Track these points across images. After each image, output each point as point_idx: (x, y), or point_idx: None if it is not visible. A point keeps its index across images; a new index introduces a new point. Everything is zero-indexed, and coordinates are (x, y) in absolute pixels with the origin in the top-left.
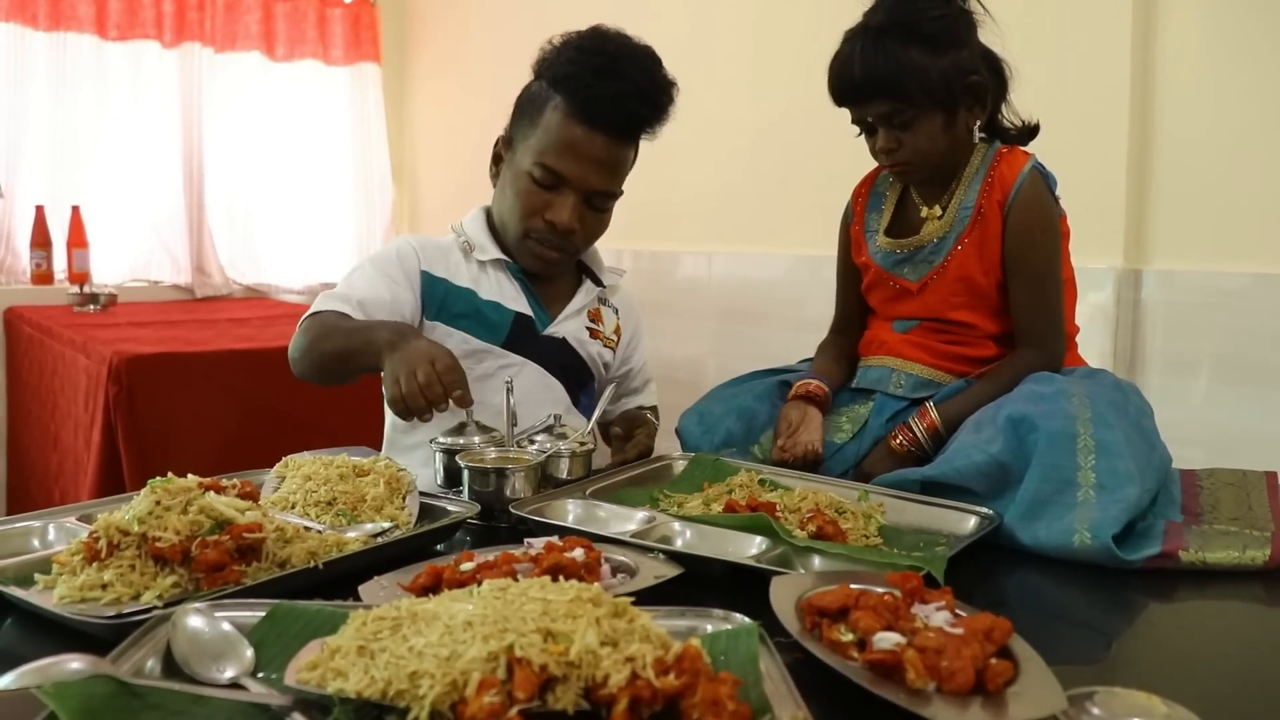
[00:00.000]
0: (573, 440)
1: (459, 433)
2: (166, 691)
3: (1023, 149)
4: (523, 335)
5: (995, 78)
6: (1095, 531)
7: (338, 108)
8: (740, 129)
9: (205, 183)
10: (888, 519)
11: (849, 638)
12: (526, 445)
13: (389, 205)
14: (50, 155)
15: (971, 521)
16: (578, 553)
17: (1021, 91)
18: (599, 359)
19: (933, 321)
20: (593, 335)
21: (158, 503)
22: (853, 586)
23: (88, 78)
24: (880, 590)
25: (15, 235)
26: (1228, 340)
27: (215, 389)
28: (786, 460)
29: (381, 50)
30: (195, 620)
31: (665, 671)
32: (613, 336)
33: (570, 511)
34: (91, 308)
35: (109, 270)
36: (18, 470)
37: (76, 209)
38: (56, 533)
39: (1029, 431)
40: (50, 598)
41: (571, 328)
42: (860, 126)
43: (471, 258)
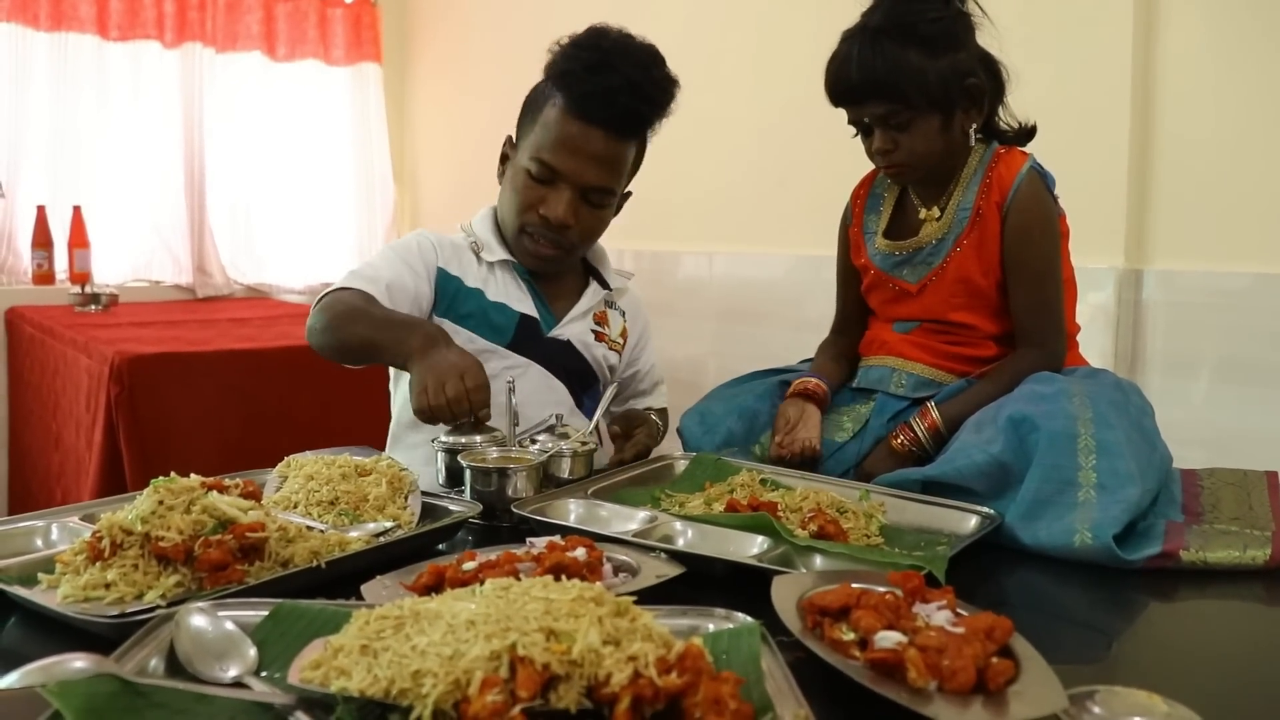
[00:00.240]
0: (574, 440)
1: (461, 431)
2: (170, 690)
3: (1020, 149)
4: (527, 337)
5: (992, 80)
6: (1096, 531)
7: (339, 108)
8: (741, 129)
9: (206, 183)
10: (889, 518)
11: (850, 637)
12: (528, 445)
13: (390, 205)
14: (51, 155)
15: (972, 521)
16: (580, 552)
17: (1023, 91)
18: (604, 362)
19: (933, 323)
20: (598, 338)
21: (161, 502)
22: (854, 586)
23: (89, 78)
24: (881, 589)
25: (17, 235)
26: (1228, 340)
27: (217, 389)
28: (784, 457)
29: (382, 50)
30: (198, 619)
31: (667, 670)
32: (619, 339)
33: (572, 511)
34: (93, 308)
35: (110, 270)
36: (19, 470)
37: (78, 209)
38: (59, 532)
39: (1030, 431)
40: (54, 597)
41: (576, 330)
42: (857, 127)
43: (481, 258)
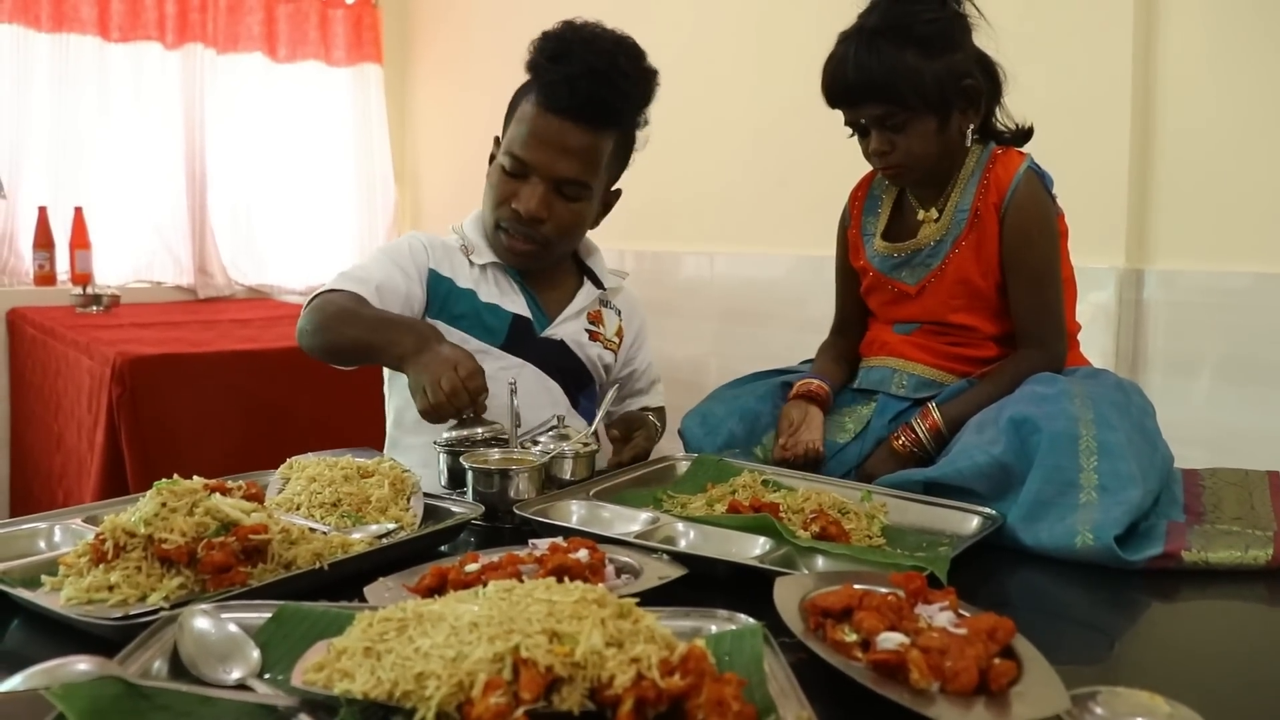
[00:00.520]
0: (576, 441)
1: (465, 425)
2: (174, 693)
3: (1018, 150)
4: (520, 337)
5: (989, 81)
6: (1098, 533)
7: (340, 108)
8: (742, 129)
9: (208, 184)
10: (890, 519)
11: (853, 638)
12: (530, 446)
13: (391, 206)
14: (53, 156)
15: (974, 522)
16: (582, 554)
17: (1023, 91)
18: (598, 361)
19: (933, 324)
20: (592, 337)
21: (164, 504)
22: (856, 587)
23: (90, 79)
24: (884, 591)
25: (18, 236)
26: (1229, 340)
27: (218, 390)
28: (788, 459)
29: (383, 51)
30: (202, 621)
31: (670, 672)
32: (614, 339)
33: (574, 512)
34: (94, 309)
35: (111, 271)
36: (21, 471)
37: (79, 210)
38: (62, 534)
39: (1031, 433)
40: (57, 599)
41: (570, 330)
42: (854, 128)
43: (471, 260)
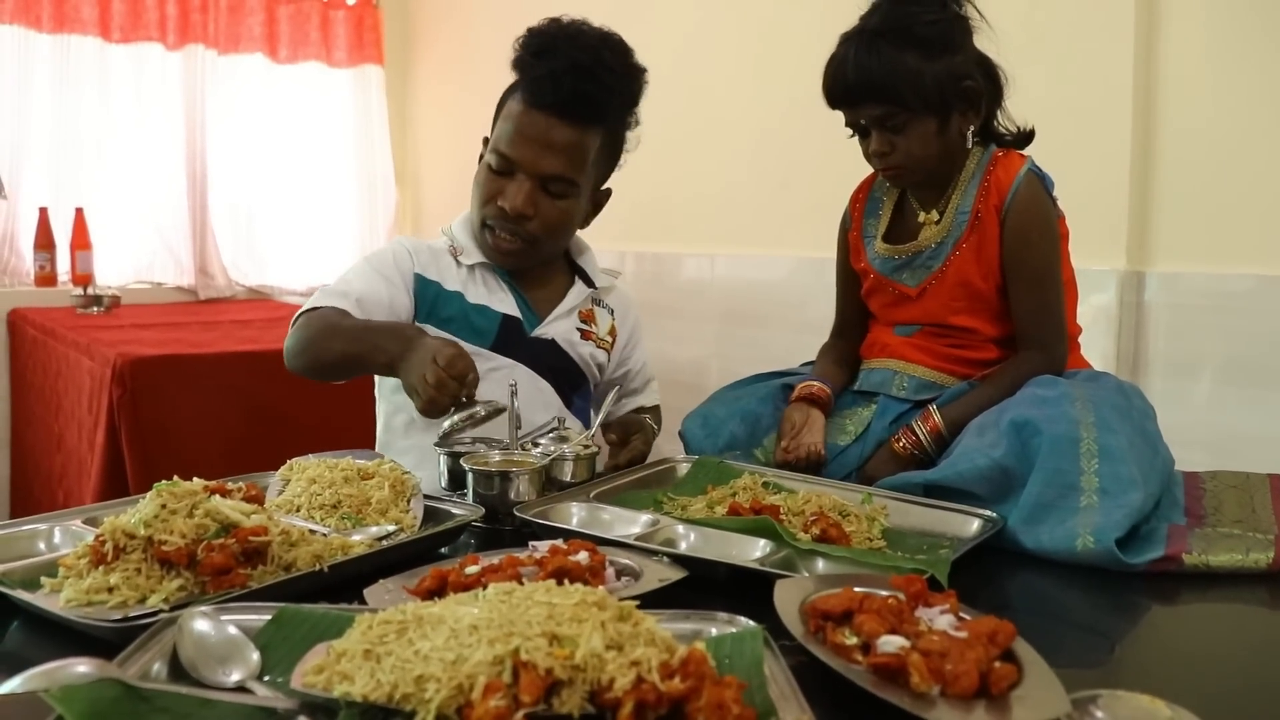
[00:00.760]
0: (577, 443)
1: (462, 409)
2: (173, 695)
3: (1019, 152)
4: (511, 337)
5: (990, 83)
6: (1098, 536)
7: (341, 110)
8: (743, 130)
9: (208, 185)
10: (891, 522)
11: (853, 641)
12: (530, 448)
13: (392, 207)
14: (54, 157)
15: (974, 524)
16: (582, 556)
17: (1024, 93)
18: (591, 360)
19: (934, 326)
20: (584, 336)
21: (164, 506)
22: (857, 590)
23: (91, 80)
24: (884, 593)
25: (19, 237)
26: (1230, 342)
27: (219, 391)
28: (790, 462)
29: (384, 52)
30: (201, 624)
31: (670, 675)
32: (607, 338)
33: (574, 514)
34: (95, 309)
35: (112, 272)
36: (21, 472)
37: (80, 211)
38: (62, 536)
39: (1032, 435)
40: (56, 601)
41: (561, 329)
42: (854, 129)
43: (460, 261)
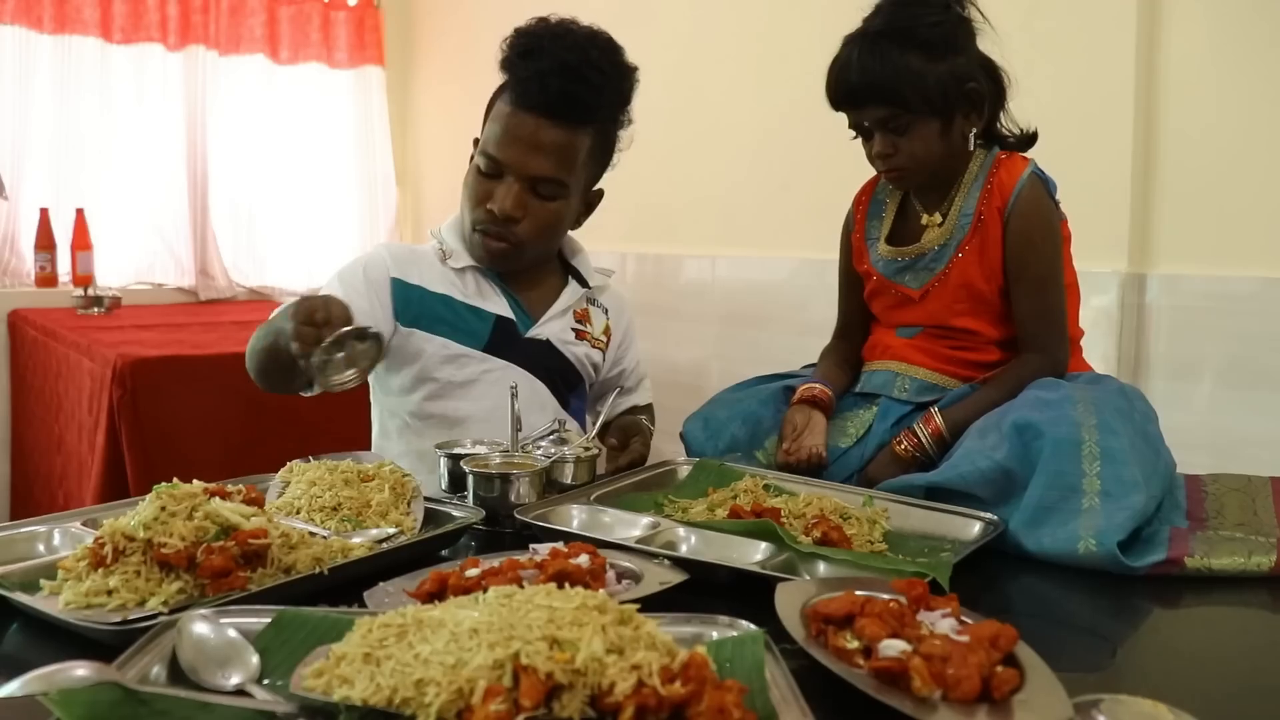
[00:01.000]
0: (577, 446)
1: (339, 344)
2: (172, 698)
3: (1022, 154)
4: (504, 338)
5: (993, 85)
6: (1100, 539)
7: (341, 111)
8: (744, 132)
9: (209, 185)
10: (892, 524)
11: (854, 645)
12: (531, 450)
13: (393, 208)
14: (54, 158)
15: (976, 527)
16: (583, 559)
17: (1026, 95)
18: (586, 360)
19: (935, 328)
20: (579, 336)
21: (163, 508)
22: (858, 593)
23: (92, 81)
24: (885, 597)
25: (19, 237)
26: (1232, 345)
27: (219, 392)
28: (791, 464)
29: (385, 53)
30: (201, 627)
31: (671, 679)
32: (601, 337)
33: (575, 517)
34: (95, 310)
35: (113, 273)
36: (21, 473)
37: (80, 211)
38: (61, 538)
39: (1034, 438)
40: (56, 604)
41: (555, 329)
42: (857, 131)
43: (448, 263)
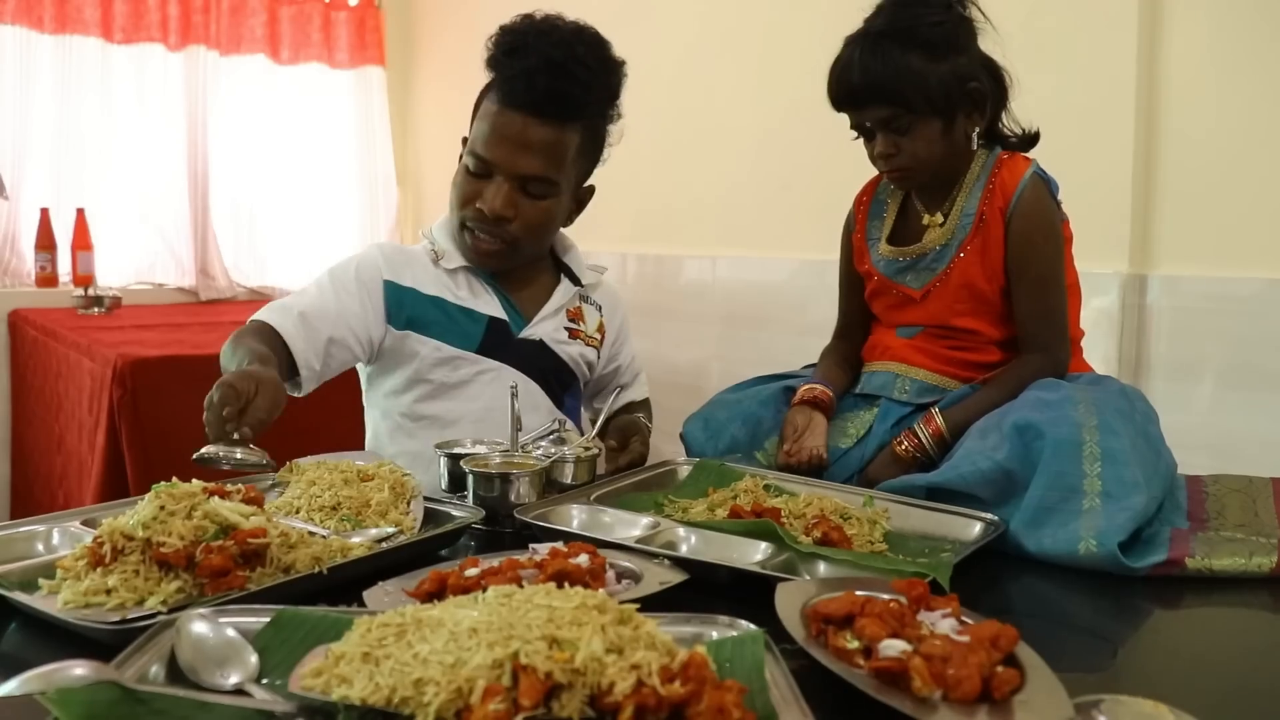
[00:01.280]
0: (577, 445)
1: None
2: (171, 698)
3: (1024, 155)
4: (497, 339)
5: (995, 85)
6: (1101, 539)
7: (342, 111)
8: (745, 133)
9: (210, 185)
10: (893, 525)
11: (855, 645)
12: (531, 450)
13: (393, 208)
14: (55, 158)
15: (977, 527)
16: (582, 559)
17: (1027, 96)
18: (580, 360)
19: (936, 328)
20: (573, 335)
21: (162, 508)
22: (858, 593)
23: (93, 81)
24: (886, 597)
25: (20, 237)
26: (1233, 345)
27: None
28: (792, 465)
29: (386, 53)
30: (199, 626)
31: (671, 679)
32: (595, 335)
33: (575, 517)
34: (96, 310)
35: (113, 273)
36: (21, 473)
37: (81, 211)
38: (60, 537)
39: (1035, 439)
40: (54, 603)
41: (548, 329)
42: (859, 131)
43: (441, 264)
